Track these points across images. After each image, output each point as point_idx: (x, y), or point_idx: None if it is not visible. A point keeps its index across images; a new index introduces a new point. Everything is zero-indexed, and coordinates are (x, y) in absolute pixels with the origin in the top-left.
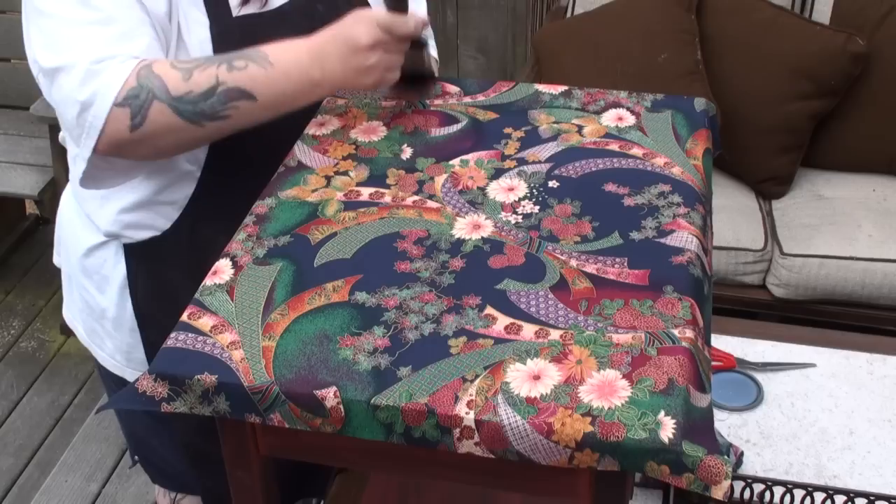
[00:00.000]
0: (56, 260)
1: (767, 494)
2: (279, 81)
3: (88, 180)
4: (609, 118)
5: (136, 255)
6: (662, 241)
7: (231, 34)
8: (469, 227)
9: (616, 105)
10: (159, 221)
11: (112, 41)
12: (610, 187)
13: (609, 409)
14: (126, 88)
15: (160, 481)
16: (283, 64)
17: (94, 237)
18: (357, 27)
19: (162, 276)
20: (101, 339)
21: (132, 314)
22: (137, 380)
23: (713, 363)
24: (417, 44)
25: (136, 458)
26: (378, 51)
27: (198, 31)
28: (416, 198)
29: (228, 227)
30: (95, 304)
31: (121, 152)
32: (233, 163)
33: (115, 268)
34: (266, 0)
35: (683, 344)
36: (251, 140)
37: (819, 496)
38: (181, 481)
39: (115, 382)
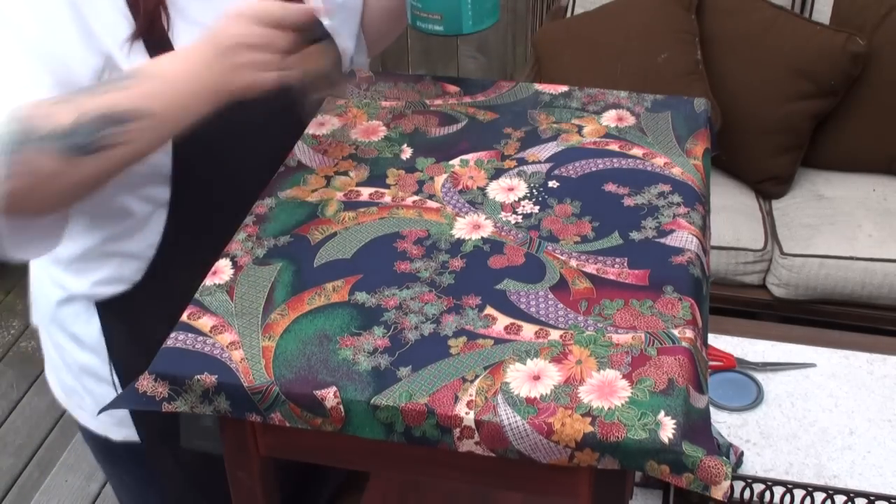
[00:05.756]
0: (34, 319)
1: (767, 494)
2: (168, 93)
3: (12, 248)
4: (609, 118)
5: (109, 311)
6: (662, 241)
7: None
8: (469, 227)
9: (616, 105)
10: (127, 272)
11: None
12: (610, 187)
13: (609, 409)
14: None
15: None
16: (171, 73)
17: (64, 290)
18: (221, 25)
19: (139, 331)
20: (80, 397)
21: (111, 369)
22: (137, 380)
23: (713, 363)
24: (313, 37)
25: None
26: (244, 48)
27: None
28: (415, 198)
29: (203, 268)
30: (73, 360)
31: (6, 211)
32: (200, 202)
33: (89, 323)
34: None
35: (683, 344)
36: (217, 177)
37: (819, 496)
38: None
39: (98, 442)
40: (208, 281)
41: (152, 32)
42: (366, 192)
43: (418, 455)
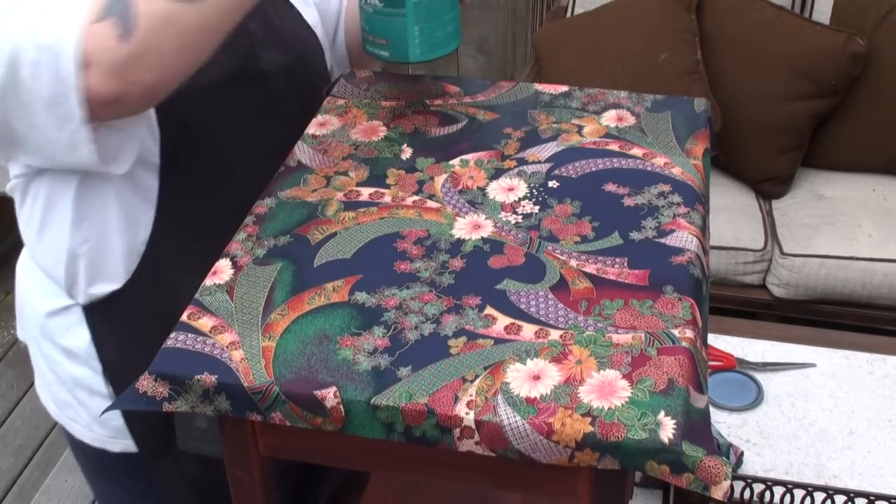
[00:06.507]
0: (20, 334)
1: (767, 494)
2: None
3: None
4: (609, 118)
5: (98, 315)
6: (662, 241)
7: None
8: (469, 227)
9: (616, 105)
10: (114, 272)
11: None
12: (610, 187)
13: (609, 409)
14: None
15: None
16: None
17: (53, 302)
18: None
19: (130, 335)
20: (74, 411)
21: (104, 380)
22: (138, 380)
23: (713, 363)
24: None
25: None
26: None
27: None
28: (415, 198)
29: (193, 266)
30: (65, 373)
31: (122, 88)
32: (189, 193)
33: (79, 334)
34: None
35: (683, 344)
36: (206, 167)
37: (819, 496)
38: None
39: (92, 456)
40: (208, 281)
41: None
42: (366, 192)
43: (418, 455)
